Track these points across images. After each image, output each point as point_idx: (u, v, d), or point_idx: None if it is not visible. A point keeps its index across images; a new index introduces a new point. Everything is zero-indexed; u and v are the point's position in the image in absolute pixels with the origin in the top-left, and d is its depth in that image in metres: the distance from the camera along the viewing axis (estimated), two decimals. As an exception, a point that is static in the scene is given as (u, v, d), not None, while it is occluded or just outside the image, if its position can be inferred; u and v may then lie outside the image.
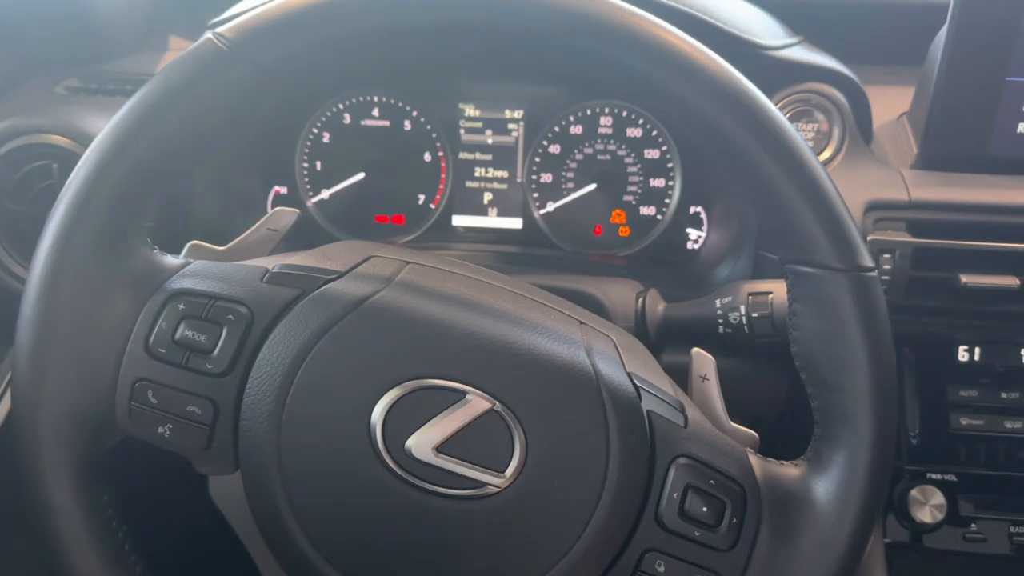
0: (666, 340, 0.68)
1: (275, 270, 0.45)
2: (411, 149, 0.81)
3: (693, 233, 0.82)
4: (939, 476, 0.69)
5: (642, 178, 0.81)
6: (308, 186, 0.82)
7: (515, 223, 0.83)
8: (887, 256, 0.65)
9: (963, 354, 0.70)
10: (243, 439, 0.42)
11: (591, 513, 0.41)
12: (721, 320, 0.64)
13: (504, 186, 0.82)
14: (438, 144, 0.81)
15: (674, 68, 0.41)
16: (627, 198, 0.81)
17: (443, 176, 0.82)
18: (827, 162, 0.71)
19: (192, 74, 0.42)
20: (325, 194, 0.82)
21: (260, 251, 0.51)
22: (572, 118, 0.80)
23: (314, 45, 0.42)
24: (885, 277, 0.65)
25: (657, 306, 0.68)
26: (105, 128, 0.42)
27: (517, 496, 0.41)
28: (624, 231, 0.82)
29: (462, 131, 0.81)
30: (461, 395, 0.41)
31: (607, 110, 0.80)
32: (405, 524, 0.41)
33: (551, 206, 0.82)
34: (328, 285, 0.44)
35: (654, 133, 0.80)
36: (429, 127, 0.81)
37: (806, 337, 0.44)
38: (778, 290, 0.62)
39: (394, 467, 0.41)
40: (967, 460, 0.70)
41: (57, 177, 0.69)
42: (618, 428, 0.42)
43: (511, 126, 0.81)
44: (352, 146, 0.81)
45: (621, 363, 0.45)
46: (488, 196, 0.83)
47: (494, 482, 0.41)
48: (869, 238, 0.65)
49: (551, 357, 0.43)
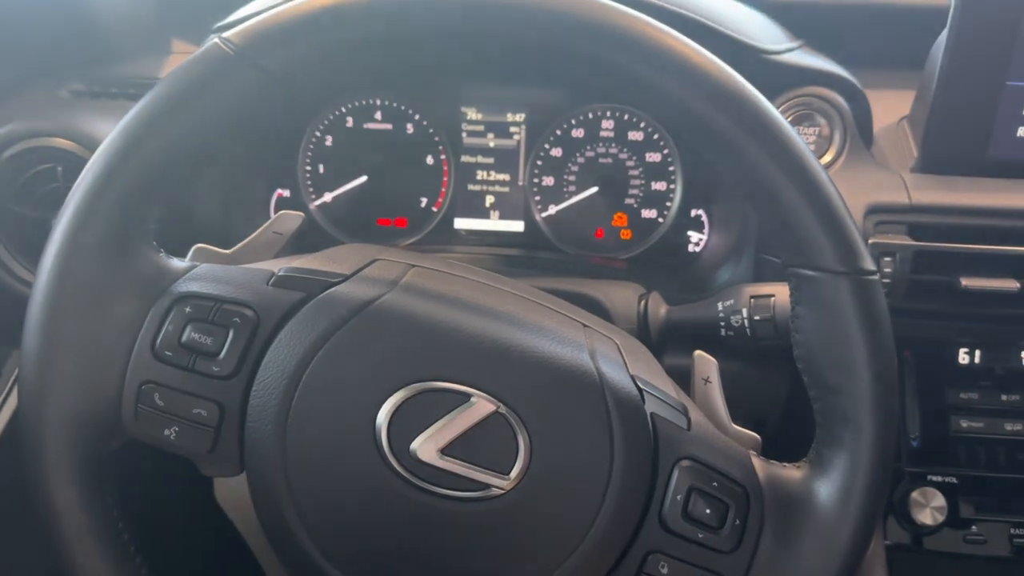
0: (668, 343, 0.68)
1: (281, 273, 0.45)
2: (413, 152, 0.82)
3: (694, 236, 0.82)
4: (940, 478, 0.69)
5: (643, 181, 0.81)
6: (311, 189, 0.82)
7: (517, 226, 0.83)
8: (888, 259, 0.65)
9: (963, 357, 0.70)
10: (248, 441, 0.42)
11: (595, 515, 0.42)
12: (723, 323, 0.64)
13: (506, 189, 0.82)
14: (440, 147, 0.82)
15: (676, 72, 0.41)
16: (628, 201, 0.81)
17: (445, 179, 0.82)
18: (828, 166, 0.71)
19: (199, 79, 0.42)
20: (328, 197, 0.83)
21: (265, 254, 0.51)
22: (574, 121, 0.80)
23: (319, 50, 0.42)
24: (886, 280, 0.65)
25: (659, 309, 0.69)
26: (112, 132, 0.42)
27: (521, 498, 0.41)
28: (626, 234, 0.82)
29: (464, 134, 0.82)
30: (466, 398, 0.41)
31: (609, 113, 0.80)
32: (410, 526, 0.41)
33: (553, 209, 0.82)
34: (333, 288, 0.44)
35: (655, 136, 0.80)
36: (431, 130, 0.81)
37: (808, 340, 0.44)
38: (780, 293, 0.62)
39: (399, 469, 0.41)
40: (967, 462, 0.70)
41: (62, 180, 0.70)
42: (622, 430, 0.42)
43: (513, 129, 0.81)
44: (354, 149, 0.81)
45: (624, 366, 0.45)
46: (490, 199, 0.83)
47: (499, 484, 0.41)
48: (870, 241, 0.65)
49: (555, 360, 0.43)
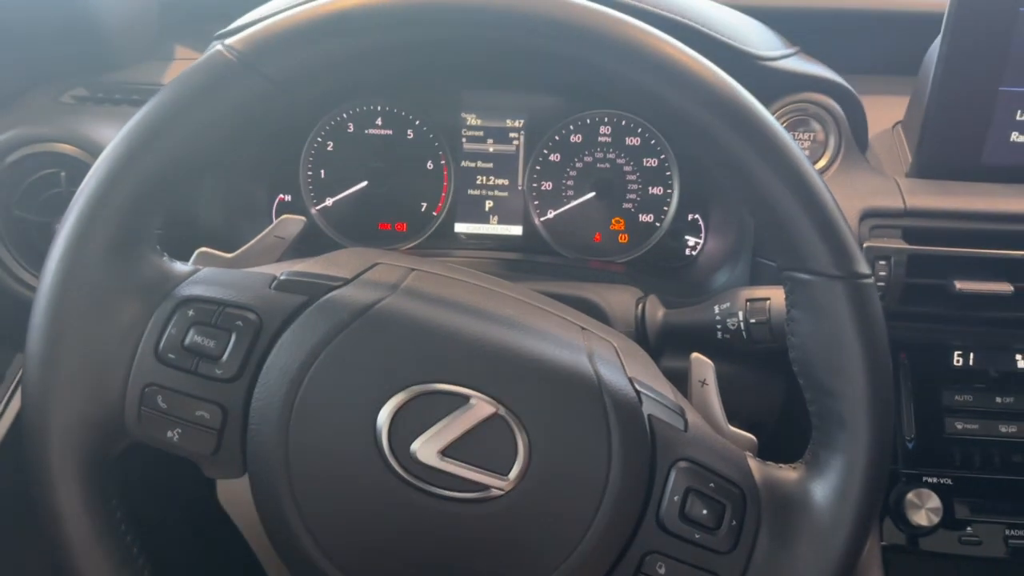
0: (665, 345, 0.69)
1: (283, 277, 0.45)
2: (414, 157, 0.82)
3: (691, 240, 0.82)
4: (935, 480, 0.70)
5: (641, 186, 0.81)
6: (312, 194, 0.83)
7: (516, 230, 0.84)
8: (883, 263, 0.65)
9: (958, 359, 0.70)
10: (251, 443, 0.42)
11: (593, 516, 0.42)
12: (720, 326, 0.64)
13: (505, 194, 0.83)
14: (440, 152, 0.82)
15: (672, 79, 0.41)
16: (626, 205, 0.82)
17: (445, 184, 0.83)
18: (823, 170, 0.72)
19: (202, 85, 0.43)
20: (329, 202, 0.83)
21: (268, 258, 0.51)
22: (572, 127, 0.81)
23: (321, 57, 0.42)
24: (881, 284, 0.66)
25: (657, 312, 0.69)
26: (116, 138, 0.43)
27: (520, 499, 0.42)
28: (623, 238, 0.83)
29: (464, 140, 0.82)
30: (465, 400, 0.42)
31: (606, 119, 0.80)
32: (410, 527, 0.42)
33: (551, 213, 0.83)
34: (335, 292, 0.44)
35: (652, 142, 0.81)
36: (431, 136, 0.82)
37: (803, 343, 0.44)
38: (776, 296, 0.63)
39: (399, 471, 0.41)
40: (962, 464, 0.70)
41: (64, 185, 0.70)
42: (620, 432, 0.43)
43: (512, 135, 0.82)
44: (356, 154, 0.82)
45: (622, 368, 0.46)
46: (489, 204, 0.83)
47: (498, 485, 0.42)
48: (865, 245, 0.66)
49: (554, 362, 0.43)
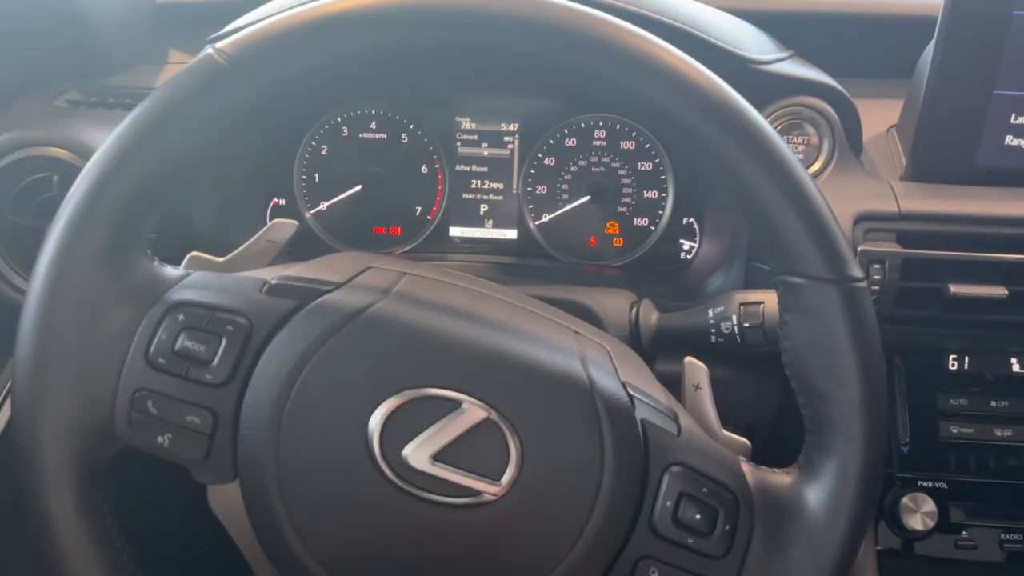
0: (659, 349, 0.69)
1: (274, 281, 0.45)
2: (408, 161, 0.82)
3: (686, 244, 0.82)
4: (930, 484, 0.70)
5: (635, 190, 0.81)
6: (306, 198, 0.83)
7: (510, 234, 0.84)
8: (877, 267, 0.65)
9: (953, 363, 0.70)
10: (242, 448, 0.42)
11: (586, 521, 0.42)
12: (713, 330, 0.64)
13: (500, 198, 0.83)
14: (435, 156, 0.82)
15: (665, 82, 0.41)
16: (621, 209, 0.82)
17: (440, 188, 0.83)
18: (817, 174, 0.72)
19: (192, 89, 0.42)
20: (323, 206, 0.83)
21: (259, 262, 0.51)
22: (566, 131, 0.81)
23: (313, 61, 0.42)
24: (875, 287, 0.66)
25: (651, 316, 0.69)
26: (106, 141, 0.43)
27: (513, 504, 0.42)
28: (618, 242, 0.83)
29: (458, 144, 0.82)
30: (457, 404, 0.42)
31: (601, 123, 0.80)
32: (401, 532, 0.42)
33: (546, 217, 0.83)
34: (326, 296, 0.44)
35: (647, 146, 0.81)
36: (426, 140, 0.82)
37: (797, 347, 0.44)
38: (769, 300, 0.63)
39: (391, 476, 0.41)
40: (957, 468, 0.70)
41: (57, 189, 0.70)
42: (612, 437, 0.42)
43: (507, 139, 0.82)
44: (350, 158, 0.82)
45: (615, 372, 0.46)
46: (484, 207, 0.83)
47: (490, 490, 0.41)
48: (859, 249, 0.66)
49: (546, 366, 0.43)
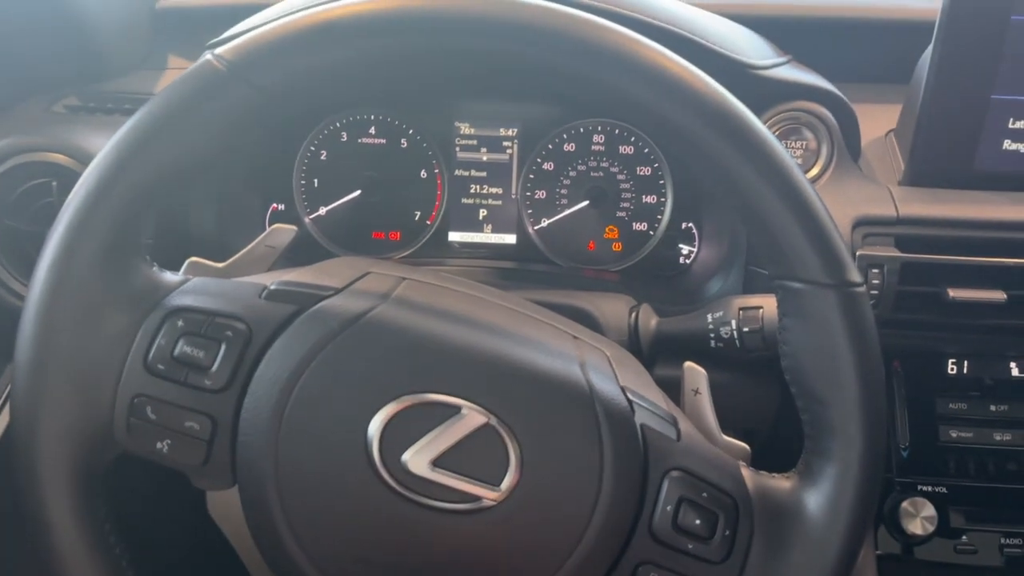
0: (659, 354, 0.69)
1: (273, 287, 0.45)
2: (407, 166, 0.82)
3: (685, 248, 0.82)
4: (929, 488, 0.70)
5: (634, 194, 0.82)
6: (306, 203, 0.83)
7: (509, 239, 0.84)
8: (875, 271, 0.65)
9: (952, 367, 0.70)
10: (241, 454, 0.42)
11: (586, 526, 0.42)
12: (713, 334, 0.64)
13: (499, 202, 0.83)
14: (434, 161, 0.82)
15: (664, 88, 0.41)
16: (620, 214, 0.82)
17: (439, 193, 0.83)
18: (815, 179, 0.72)
19: (191, 95, 0.43)
20: (322, 211, 0.83)
21: (259, 268, 0.51)
22: (565, 136, 0.81)
23: (312, 67, 0.42)
24: (874, 292, 0.66)
25: (650, 320, 0.69)
26: (105, 147, 0.43)
27: (512, 510, 0.42)
28: (617, 246, 0.83)
29: (457, 149, 0.82)
30: (456, 410, 0.42)
31: (599, 128, 0.81)
32: (401, 538, 0.42)
33: (545, 222, 0.83)
34: (325, 301, 0.44)
35: (646, 150, 0.81)
36: (425, 145, 0.82)
37: (796, 351, 0.44)
38: (768, 304, 0.63)
39: (390, 481, 0.41)
40: (957, 472, 0.70)
41: (56, 195, 0.70)
42: (612, 442, 0.42)
43: (505, 144, 0.82)
44: (349, 163, 0.82)
45: (615, 377, 0.46)
46: (483, 212, 0.83)
47: (489, 496, 0.41)
48: (858, 253, 0.66)
49: (546, 371, 0.43)
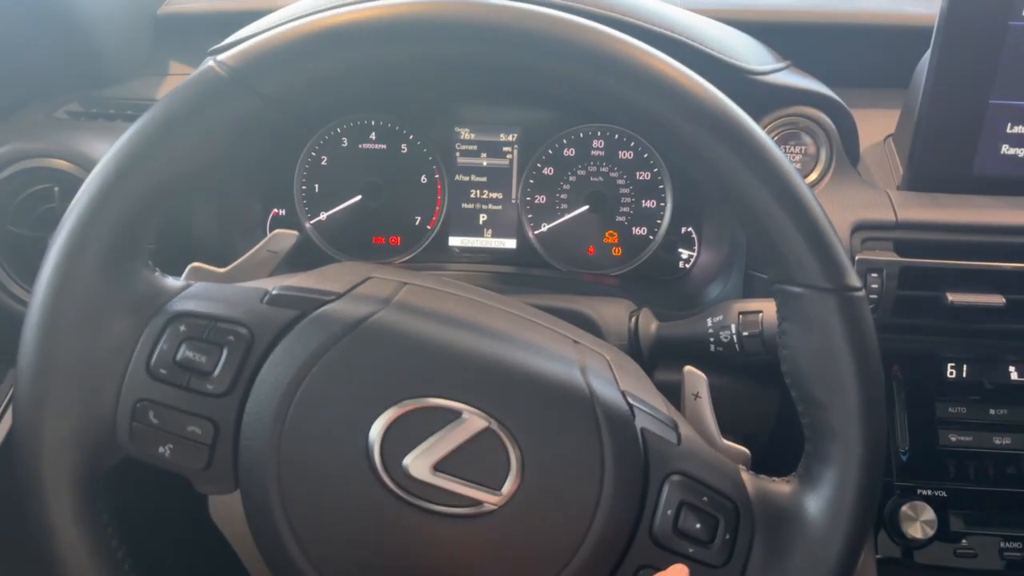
0: (659, 358, 0.69)
1: (275, 292, 0.45)
2: (408, 171, 0.82)
3: (684, 253, 0.83)
4: (929, 492, 0.70)
5: (634, 199, 0.82)
6: (306, 208, 0.83)
7: (510, 243, 0.84)
8: (875, 275, 0.66)
9: (951, 371, 0.70)
10: (243, 459, 0.42)
11: (586, 530, 0.42)
12: (712, 338, 0.64)
13: (499, 207, 0.83)
14: (434, 167, 0.83)
15: (663, 93, 0.42)
16: (619, 219, 0.82)
17: (439, 198, 0.83)
18: (814, 184, 0.72)
19: (194, 101, 0.43)
20: (323, 216, 0.83)
21: (260, 273, 0.51)
22: (565, 141, 0.81)
23: (313, 73, 0.43)
24: (873, 296, 0.66)
25: (650, 325, 0.69)
26: (108, 154, 0.43)
27: (513, 514, 0.42)
28: (617, 251, 0.83)
29: (458, 154, 0.82)
30: (457, 414, 0.42)
31: (599, 133, 0.81)
32: (402, 542, 0.42)
33: (545, 227, 0.83)
34: (327, 306, 0.44)
35: (645, 155, 0.81)
36: (425, 150, 0.82)
37: (795, 356, 0.44)
38: (768, 309, 0.63)
39: (392, 486, 0.41)
40: (957, 476, 0.70)
41: (58, 201, 0.70)
42: (612, 446, 0.43)
43: (505, 149, 0.82)
44: (350, 169, 0.82)
45: (615, 381, 0.46)
46: (483, 217, 0.84)
47: (490, 500, 0.41)
48: (857, 258, 0.66)
49: (546, 376, 0.43)
